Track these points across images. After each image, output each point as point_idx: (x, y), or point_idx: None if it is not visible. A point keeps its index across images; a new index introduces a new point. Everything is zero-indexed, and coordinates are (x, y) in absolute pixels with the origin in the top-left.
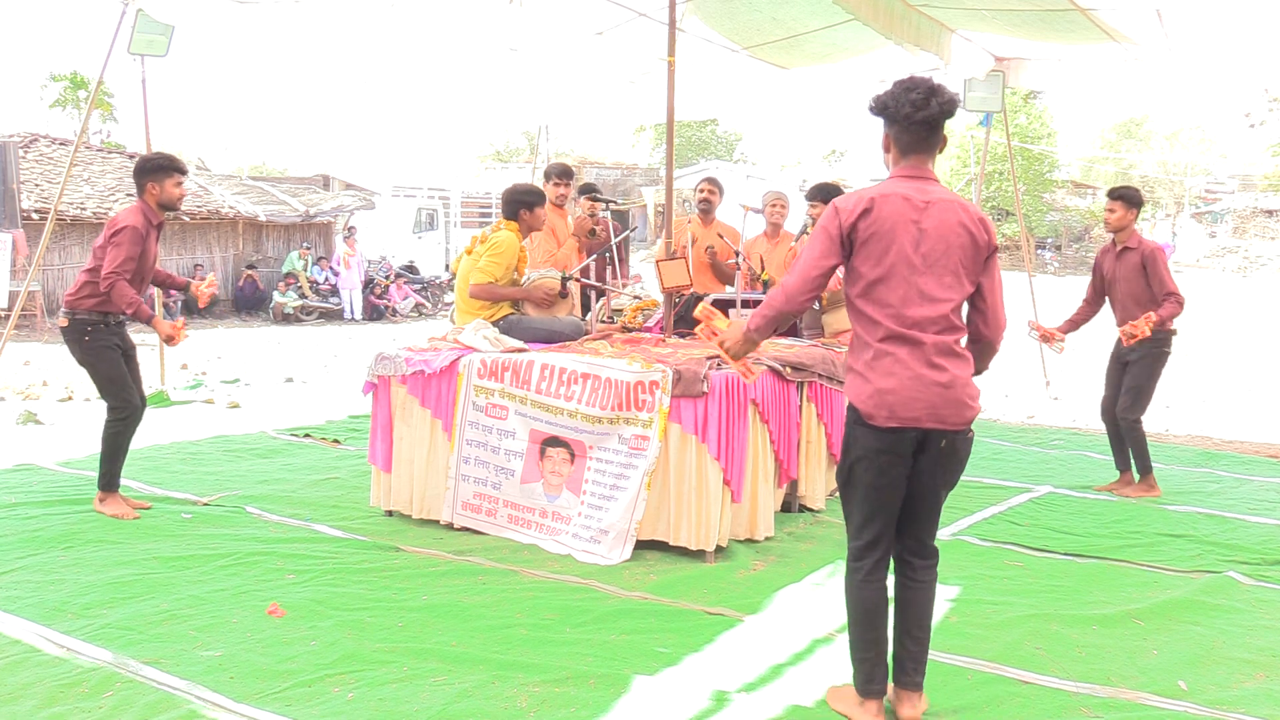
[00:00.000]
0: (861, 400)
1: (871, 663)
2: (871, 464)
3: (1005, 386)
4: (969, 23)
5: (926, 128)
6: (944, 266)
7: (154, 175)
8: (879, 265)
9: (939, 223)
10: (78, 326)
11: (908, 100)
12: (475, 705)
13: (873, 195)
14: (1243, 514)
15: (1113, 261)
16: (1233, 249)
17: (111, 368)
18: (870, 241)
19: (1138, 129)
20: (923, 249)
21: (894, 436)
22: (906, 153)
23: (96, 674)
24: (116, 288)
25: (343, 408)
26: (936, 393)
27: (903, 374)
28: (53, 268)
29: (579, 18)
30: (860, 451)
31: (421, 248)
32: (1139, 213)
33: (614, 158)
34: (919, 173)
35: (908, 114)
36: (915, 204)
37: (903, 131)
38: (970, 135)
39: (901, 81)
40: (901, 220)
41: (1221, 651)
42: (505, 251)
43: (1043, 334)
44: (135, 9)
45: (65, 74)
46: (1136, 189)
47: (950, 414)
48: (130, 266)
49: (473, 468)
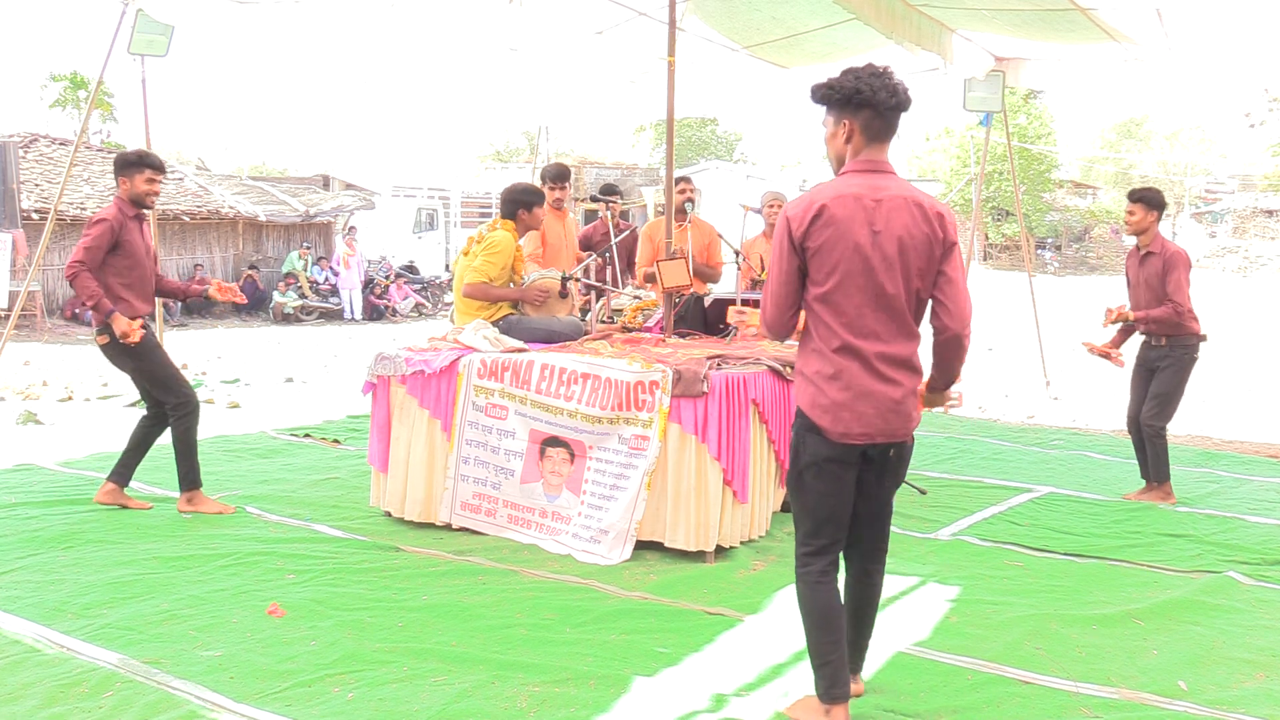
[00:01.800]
0: (814, 411)
1: (834, 667)
2: (821, 471)
3: (1005, 386)
4: (969, 22)
5: (896, 114)
6: (899, 270)
7: (125, 170)
8: (833, 274)
9: (893, 223)
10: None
11: (883, 86)
12: (475, 705)
13: (824, 200)
14: (1243, 514)
15: (1136, 266)
16: (1233, 249)
17: (165, 365)
18: (822, 250)
19: (1138, 129)
20: (877, 254)
21: (844, 447)
22: (871, 141)
23: (96, 674)
24: (79, 278)
25: (342, 408)
26: (889, 406)
27: (857, 388)
28: (53, 268)
29: (579, 17)
30: (810, 458)
31: (421, 248)
32: (1160, 215)
33: (614, 158)
34: (877, 165)
35: (884, 99)
36: (866, 204)
37: (874, 118)
38: (970, 135)
39: (869, 69)
40: (854, 224)
41: (1221, 651)
42: (501, 252)
43: (1099, 352)
44: (135, 9)
45: (65, 74)
46: (1158, 190)
47: (899, 426)
48: (95, 257)
49: (472, 468)
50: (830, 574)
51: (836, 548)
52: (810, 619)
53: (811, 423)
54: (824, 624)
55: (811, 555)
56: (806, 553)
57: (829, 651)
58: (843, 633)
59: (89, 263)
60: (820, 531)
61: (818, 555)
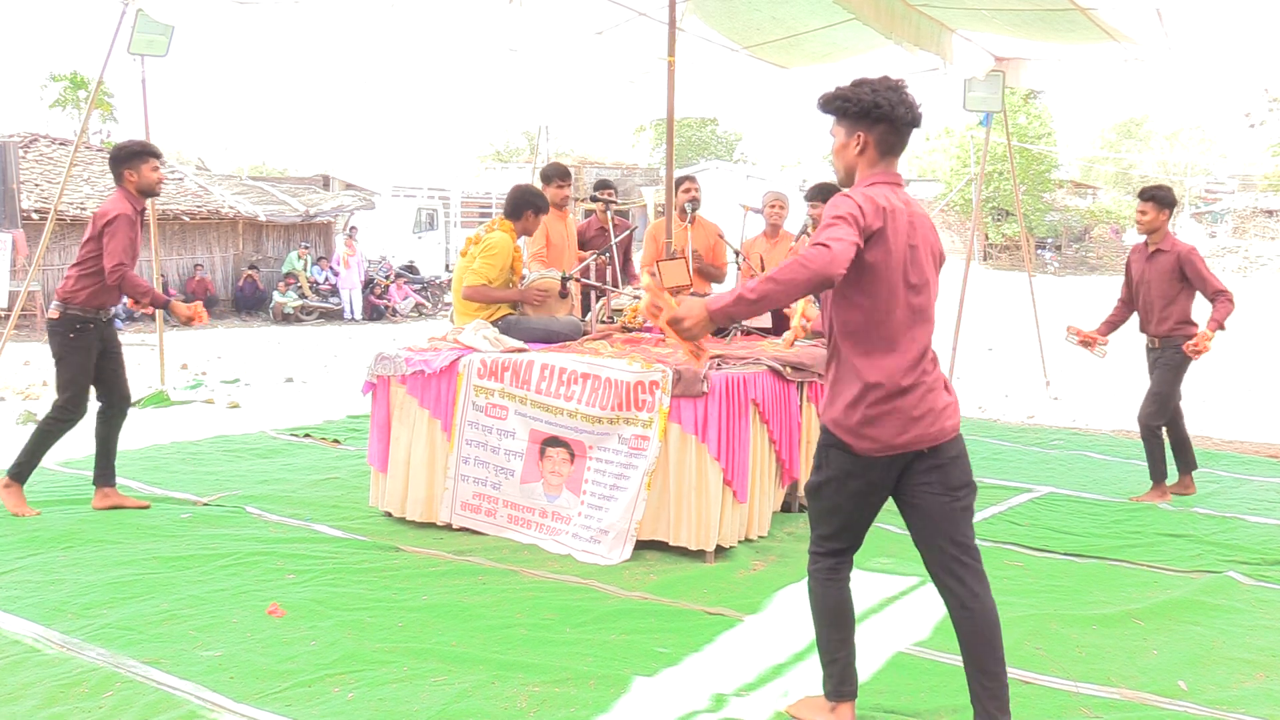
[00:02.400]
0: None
1: (842, 664)
2: (855, 486)
3: (1005, 386)
4: (969, 22)
5: (911, 131)
6: (930, 284)
7: (130, 162)
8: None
9: (925, 237)
10: (68, 321)
11: (901, 101)
12: (475, 705)
13: (883, 205)
14: (1243, 514)
15: (1143, 263)
16: (1233, 249)
17: (79, 369)
18: (877, 264)
19: (1138, 129)
20: (916, 267)
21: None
22: (884, 155)
23: (96, 674)
24: (126, 278)
25: (342, 408)
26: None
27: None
28: (53, 268)
29: (579, 17)
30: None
31: (421, 248)
32: (1171, 214)
33: (614, 158)
34: (895, 178)
35: (902, 115)
36: (905, 216)
37: (889, 133)
38: (970, 135)
39: (879, 81)
40: (902, 235)
41: (1221, 651)
42: (499, 253)
43: (1082, 338)
44: (135, 9)
45: (65, 74)
46: (1169, 188)
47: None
48: (133, 254)
49: (472, 468)
50: (841, 571)
51: (853, 551)
52: (820, 615)
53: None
54: (834, 621)
55: (823, 552)
56: (819, 550)
57: (837, 649)
58: (852, 630)
59: (129, 261)
60: (838, 536)
61: (830, 552)
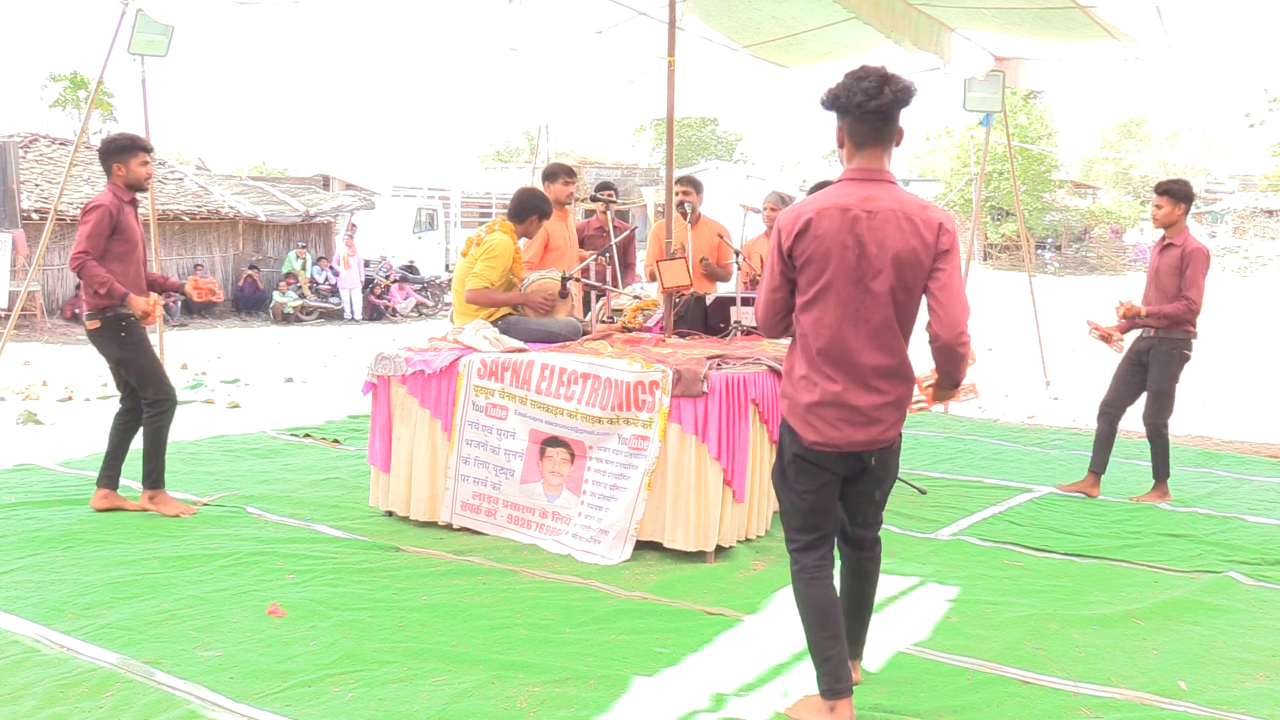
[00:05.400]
0: (791, 416)
1: (834, 663)
2: (801, 469)
3: (1005, 386)
4: (969, 21)
5: (880, 118)
6: (885, 282)
7: (119, 155)
8: (815, 284)
9: (881, 236)
10: (112, 324)
11: (859, 89)
12: (475, 705)
13: (810, 213)
14: (1243, 514)
15: (1156, 256)
16: (1233, 249)
17: (151, 359)
18: (809, 263)
19: (1138, 129)
20: (861, 266)
21: (818, 452)
22: (860, 146)
23: (96, 674)
24: (86, 267)
25: (342, 408)
26: (864, 415)
27: (831, 397)
28: (53, 268)
29: (579, 17)
30: (790, 456)
31: (421, 248)
32: (1188, 208)
33: (614, 158)
34: (870, 172)
35: (860, 103)
36: (856, 215)
37: (856, 123)
38: (970, 135)
39: (853, 72)
40: (839, 237)
41: (1221, 651)
42: (500, 255)
43: (1101, 334)
44: (135, 9)
45: (65, 74)
46: (1185, 182)
47: (876, 435)
48: (98, 244)
49: (472, 468)
50: (824, 569)
51: (826, 542)
52: (807, 616)
53: (789, 425)
54: (821, 620)
55: (801, 551)
56: (796, 548)
57: (828, 647)
58: (841, 627)
59: (93, 251)
60: (807, 526)
61: (807, 550)
